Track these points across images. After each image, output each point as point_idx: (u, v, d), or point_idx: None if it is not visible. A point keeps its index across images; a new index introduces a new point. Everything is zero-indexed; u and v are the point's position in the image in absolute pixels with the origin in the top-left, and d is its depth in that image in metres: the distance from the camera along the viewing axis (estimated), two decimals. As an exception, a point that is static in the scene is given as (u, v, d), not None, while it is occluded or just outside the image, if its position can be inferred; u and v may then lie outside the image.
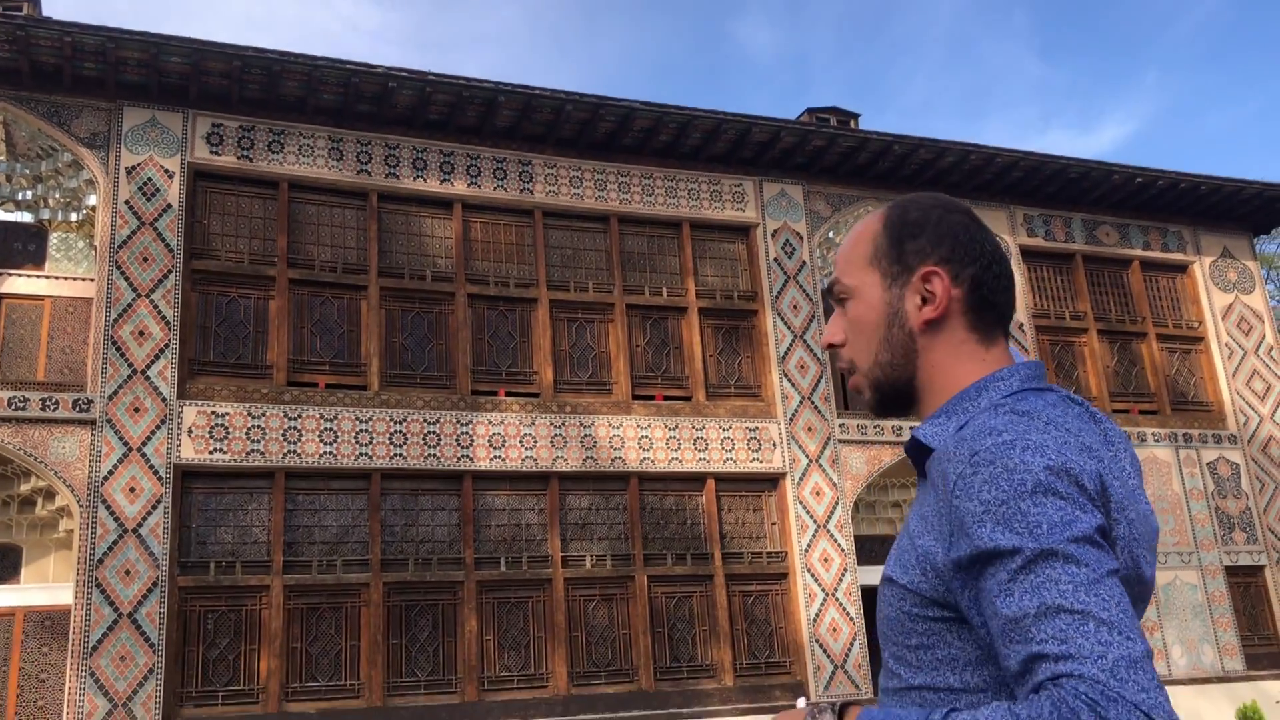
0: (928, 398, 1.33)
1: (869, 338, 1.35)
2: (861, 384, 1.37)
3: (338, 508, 12.80)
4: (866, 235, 1.38)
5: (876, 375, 1.35)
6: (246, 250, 13.35)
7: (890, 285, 1.34)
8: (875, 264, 1.35)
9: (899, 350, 1.33)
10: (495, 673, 12.88)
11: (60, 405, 11.85)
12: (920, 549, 1.20)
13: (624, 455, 14.05)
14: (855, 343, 1.36)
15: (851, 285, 1.37)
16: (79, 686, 11.10)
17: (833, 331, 1.40)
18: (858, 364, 1.37)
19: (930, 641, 1.20)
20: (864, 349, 1.36)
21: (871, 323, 1.35)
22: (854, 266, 1.38)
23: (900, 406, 1.36)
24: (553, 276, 14.68)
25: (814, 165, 16.05)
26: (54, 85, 12.75)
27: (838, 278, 1.39)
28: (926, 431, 1.26)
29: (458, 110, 14.08)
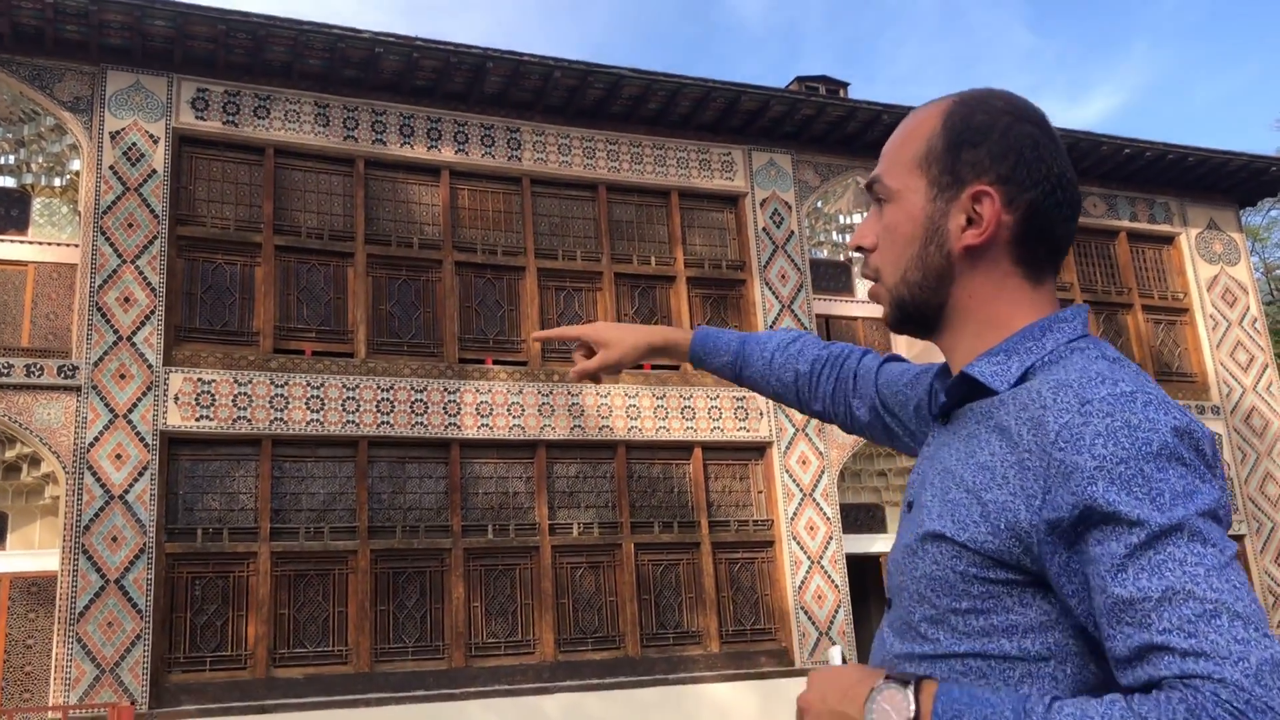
0: (958, 328, 1.20)
1: (901, 250, 1.20)
2: (882, 296, 1.25)
3: (325, 475, 12.80)
4: (921, 133, 1.21)
5: (901, 294, 1.21)
6: (232, 216, 13.27)
7: (936, 196, 1.18)
8: (924, 168, 1.20)
9: (932, 272, 1.19)
10: (482, 639, 12.96)
11: (45, 371, 11.80)
12: (990, 504, 1.06)
13: (611, 424, 14.08)
14: (885, 251, 1.22)
15: (893, 187, 1.22)
16: (66, 653, 11.13)
17: (864, 233, 1.25)
18: (884, 275, 1.23)
19: (987, 606, 1.07)
20: (893, 261, 1.21)
21: (906, 234, 1.20)
22: (899, 167, 1.22)
23: (919, 328, 1.24)
24: (541, 245, 14.64)
25: (803, 134, 16.00)
26: (35, 48, 12.60)
27: (879, 175, 1.24)
28: (985, 371, 1.13)
29: (445, 76, 13.97)
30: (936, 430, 1.24)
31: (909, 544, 1.15)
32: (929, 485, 1.16)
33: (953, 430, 1.18)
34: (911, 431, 1.52)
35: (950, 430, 1.19)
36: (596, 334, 1.86)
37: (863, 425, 1.62)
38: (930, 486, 1.15)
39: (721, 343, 1.78)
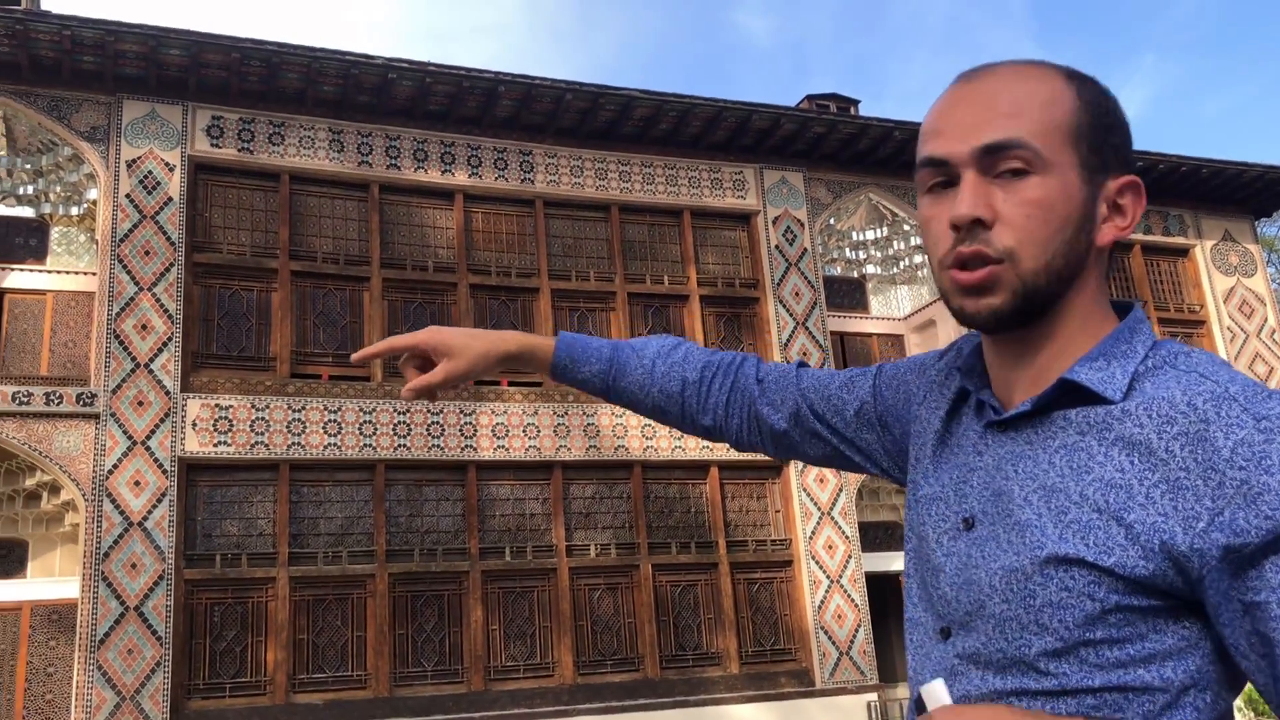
0: (1058, 327, 1.08)
1: (1054, 232, 1.04)
2: (1005, 283, 1.04)
3: (342, 499, 12.82)
4: (1057, 98, 1.06)
5: (1039, 283, 1.04)
6: (248, 243, 13.35)
7: (1088, 179, 1.05)
8: (1074, 142, 1.05)
9: (1074, 263, 1.05)
10: (501, 662, 12.92)
11: (64, 399, 11.86)
12: (1136, 525, 0.96)
13: (627, 444, 14.07)
14: (1031, 230, 1.03)
15: (1048, 157, 1.04)
16: (87, 680, 11.14)
17: (975, 202, 1.04)
18: (1021, 257, 1.03)
19: (1124, 634, 0.98)
20: (1041, 242, 1.03)
21: (1063, 216, 1.04)
22: (1047, 132, 1.04)
23: (1020, 324, 1.08)
24: (554, 266, 14.68)
25: (814, 152, 16.03)
26: (53, 79, 12.73)
27: (1017, 138, 1.03)
28: (1094, 378, 1.04)
29: (458, 101, 14.05)
30: (982, 435, 1.13)
31: (1014, 568, 1.02)
32: (1020, 502, 1.04)
33: (1028, 439, 1.07)
34: (848, 439, 1.38)
35: (1023, 439, 1.07)
36: (435, 341, 1.52)
37: (774, 435, 1.45)
38: (1025, 504, 1.03)
39: (591, 349, 1.55)
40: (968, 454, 1.13)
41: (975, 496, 1.09)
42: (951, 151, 1.06)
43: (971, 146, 1.05)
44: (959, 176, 1.06)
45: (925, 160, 1.09)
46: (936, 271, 1.10)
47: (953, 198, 1.07)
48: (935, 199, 1.09)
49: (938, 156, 1.07)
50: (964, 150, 1.05)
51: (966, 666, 1.06)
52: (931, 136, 1.09)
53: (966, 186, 1.05)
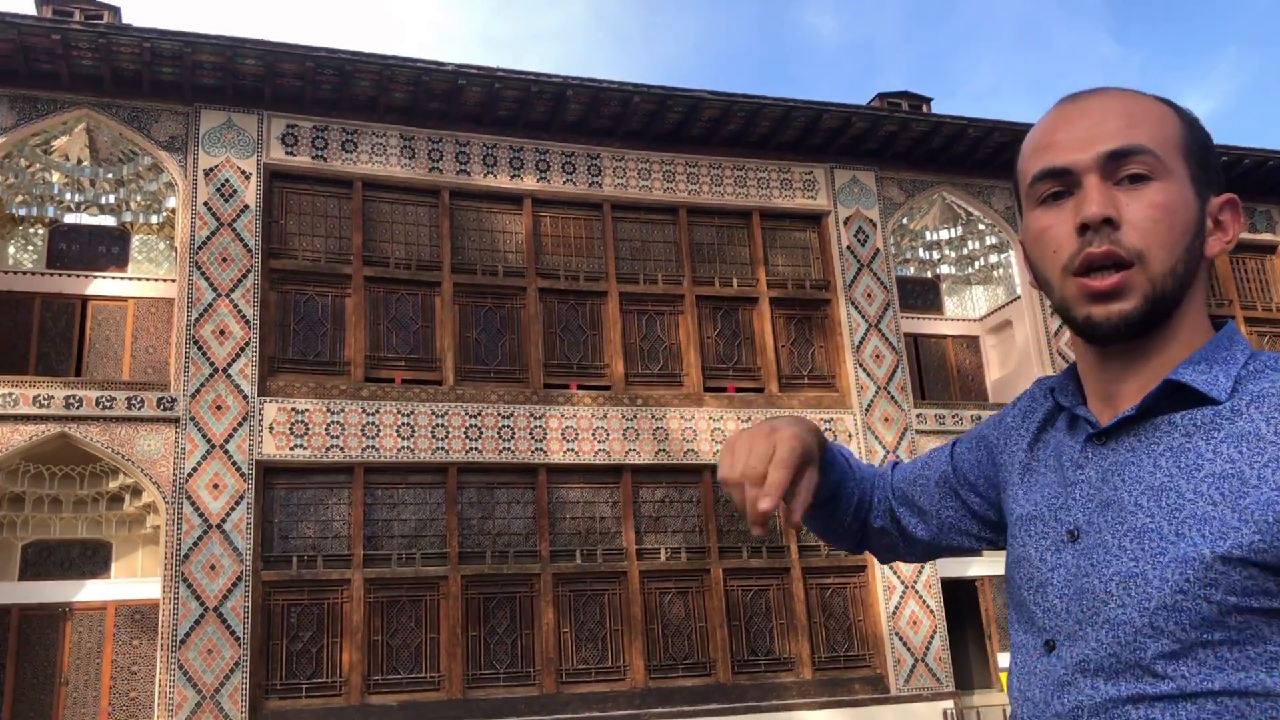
0: (1171, 335, 1.10)
1: (1178, 237, 1.07)
2: (1136, 286, 1.06)
3: (416, 501, 12.92)
4: (1166, 116, 1.11)
5: (1166, 286, 1.06)
6: (323, 249, 13.53)
7: (1197, 191, 1.09)
8: (1185, 156, 1.09)
9: (1191, 269, 1.08)
10: (573, 665, 12.91)
11: (145, 404, 12.11)
12: (1250, 507, 0.98)
13: (696, 447, 13.99)
14: (1158, 233, 1.06)
15: (1169, 165, 1.07)
16: (169, 679, 11.35)
17: (1105, 202, 1.07)
18: (1150, 259, 1.06)
19: (1247, 637, 0.98)
20: (1168, 246, 1.06)
21: (1184, 222, 1.07)
22: (1164, 143, 1.08)
23: (1144, 330, 1.09)
24: (622, 269, 14.66)
25: (886, 151, 15.81)
26: (134, 90, 13.02)
27: (1141, 144, 1.07)
28: (1198, 379, 1.06)
29: (526, 106, 14.11)
30: (1082, 449, 1.13)
31: (1132, 573, 1.02)
32: (1131, 508, 1.05)
33: (1131, 448, 1.08)
34: (935, 516, 1.37)
35: (1125, 448, 1.08)
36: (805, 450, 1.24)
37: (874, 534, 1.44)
38: (1138, 509, 1.04)
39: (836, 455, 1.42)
40: (1065, 470, 1.14)
41: (1079, 509, 1.10)
42: (1073, 160, 1.08)
43: (1095, 153, 1.08)
44: (1078, 184, 1.09)
45: (1043, 172, 1.10)
46: (1057, 281, 1.10)
47: (1070, 207, 1.09)
48: (1049, 209, 1.11)
49: (1058, 166, 1.09)
50: (1086, 157, 1.08)
51: (1075, 677, 1.05)
52: (1045, 150, 1.11)
53: (1092, 189, 1.07)
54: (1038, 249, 1.12)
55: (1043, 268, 1.12)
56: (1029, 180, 1.13)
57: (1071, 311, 1.10)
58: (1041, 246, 1.11)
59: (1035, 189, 1.12)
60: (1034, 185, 1.12)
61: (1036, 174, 1.11)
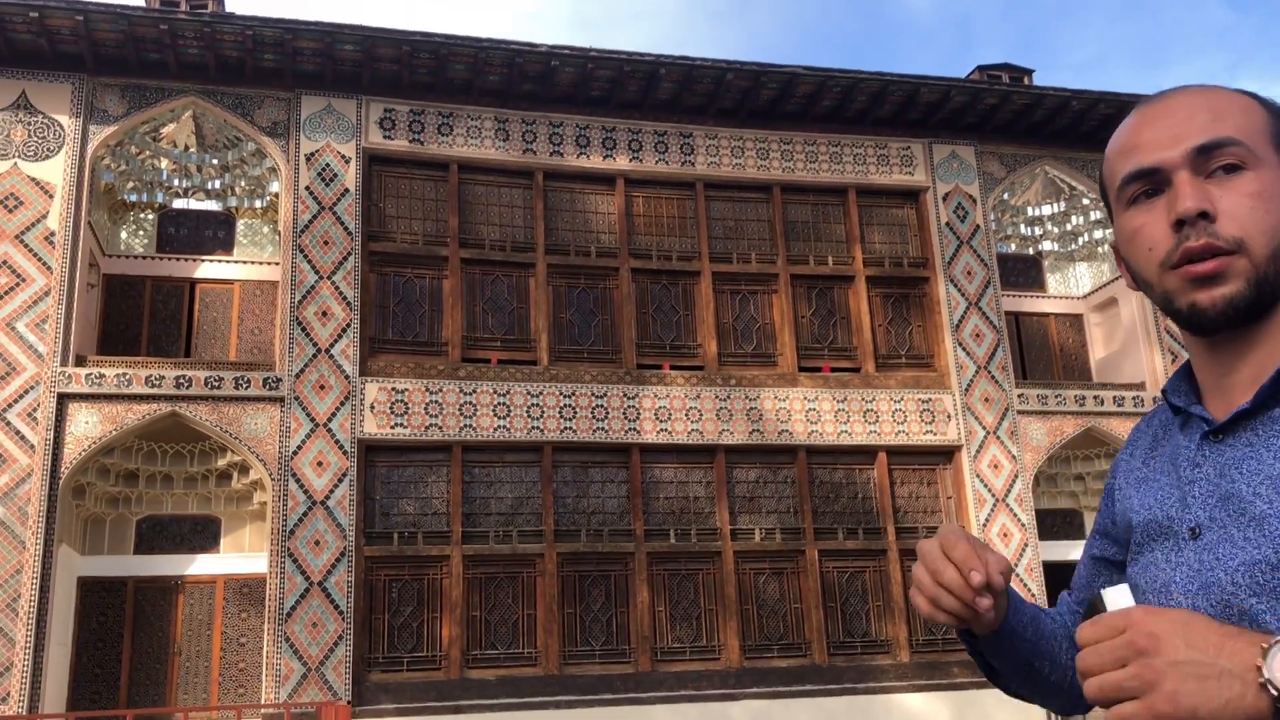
0: (1278, 319, 1.10)
1: (1275, 221, 1.07)
2: (1239, 271, 1.07)
3: (512, 480, 13.07)
4: (1251, 106, 1.13)
5: (1269, 271, 1.07)
6: (420, 231, 13.72)
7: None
8: (1275, 144, 1.11)
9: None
10: (668, 644, 12.95)
11: (252, 384, 12.44)
12: None
13: (791, 428, 13.87)
14: (1256, 220, 1.07)
15: (1260, 155, 1.09)
16: (276, 651, 11.69)
17: (1200, 197, 1.08)
18: (1252, 245, 1.07)
19: None
20: (1268, 230, 1.07)
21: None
22: (1253, 133, 1.10)
23: (1251, 317, 1.09)
24: (715, 248, 14.57)
25: (986, 125, 15.42)
26: (237, 77, 13.34)
27: (1230, 136, 1.09)
28: None
29: (619, 85, 14.09)
30: (1199, 447, 1.13)
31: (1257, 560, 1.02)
32: (1250, 498, 1.04)
33: (1248, 442, 1.07)
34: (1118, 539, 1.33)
35: (1243, 442, 1.08)
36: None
37: None
38: (1257, 498, 1.04)
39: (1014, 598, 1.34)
40: (1182, 469, 1.14)
41: (1199, 506, 1.10)
42: (1161, 158, 1.09)
43: (1184, 149, 1.09)
44: (1168, 182, 1.10)
45: (1133, 173, 1.11)
46: (1156, 277, 1.11)
47: (1162, 205, 1.10)
48: (1141, 208, 1.12)
49: (1146, 165, 1.10)
50: (1175, 154, 1.09)
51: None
52: (1131, 151, 1.13)
53: (1184, 184, 1.08)
54: (1133, 249, 1.13)
55: (1140, 267, 1.13)
56: (1118, 183, 1.14)
57: (1175, 303, 1.10)
58: (1136, 246, 1.12)
59: (1125, 191, 1.13)
60: (1124, 187, 1.13)
61: (1126, 176, 1.12)
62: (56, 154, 12.56)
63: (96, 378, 12.05)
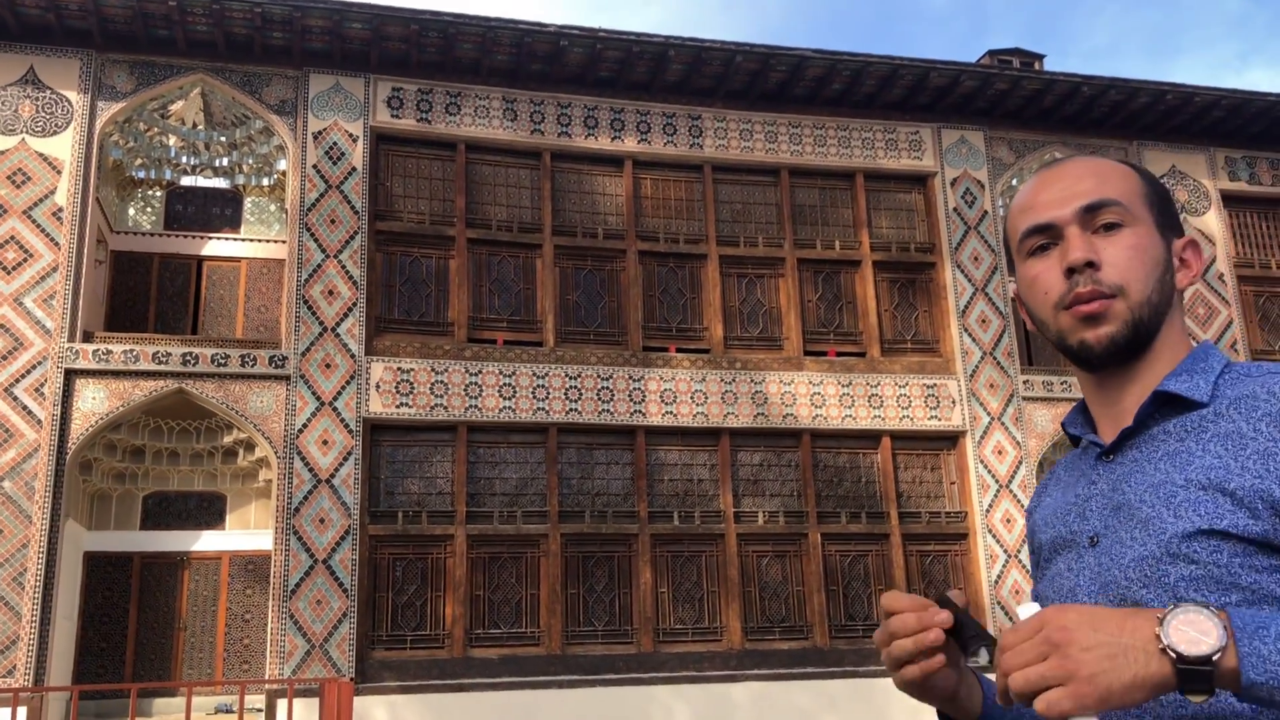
0: (1155, 357, 1.28)
1: (1150, 271, 1.27)
2: (1118, 313, 1.25)
3: (517, 460, 13.10)
4: (1129, 174, 1.32)
5: (1143, 314, 1.26)
6: (427, 211, 13.72)
7: (1161, 234, 1.30)
8: (1149, 206, 1.30)
9: (1164, 298, 1.28)
10: (670, 625, 13.00)
11: (258, 361, 12.48)
12: (1238, 492, 1.13)
13: (795, 412, 13.89)
14: (1134, 270, 1.26)
15: (1135, 213, 1.28)
16: (280, 627, 11.76)
17: (1087, 248, 1.26)
18: (1130, 291, 1.25)
19: (1257, 598, 1.12)
20: (1142, 280, 1.26)
21: (1154, 258, 1.27)
22: (1130, 196, 1.29)
23: (1131, 354, 1.27)
24: (722, 232, 14.56)
25: (996, 110, 15.36)
26: (245, 55, 13.32)
27: (1111, 198, 1.28)
28: (1181, 386, 1.24)
29: (627, 66, 14.05)
30: (1094, 467, 1.30)
31: (1144, 556, 1.17)
32: (1136, 504, 1.20)
33: (1134, 459, 1.24)
34: None
35: (1130, 459, 1.25)
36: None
37: None
38: (1142, 504, 1.19)
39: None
40: (1081, 488, 1.31)
41: (1095, 517, 1.26)
42: (1055, 215, 1.28)
43: (1073, 208, 1.28)
44: (1061, 236, 1.28)
45: (1031, 229, 1.30)
46: (1051, 318, 1.29)
47: (1056, 257, 1.28)
48: (1039, 259, 1.30)
49: (1043, 222, 1.29)
50: (1066, 212, 1.28)
51: None
52: (1029, 210, 1.31)
53: (1074, 239, 1.27)
54: (1031, 294, 1.31)
55: (1037, 309, 1.30)
56: (1019, 237, 1.32)
57: (1067, 341, 1.28)
58: (1034, 291, 1.30)
59: (1025, 244, 1.31)
60: (1023, 241, 1.31)
61: (1025, 231, 1.30)
62: (64, 130, 12.56)
63: (104, 354, 12.09)
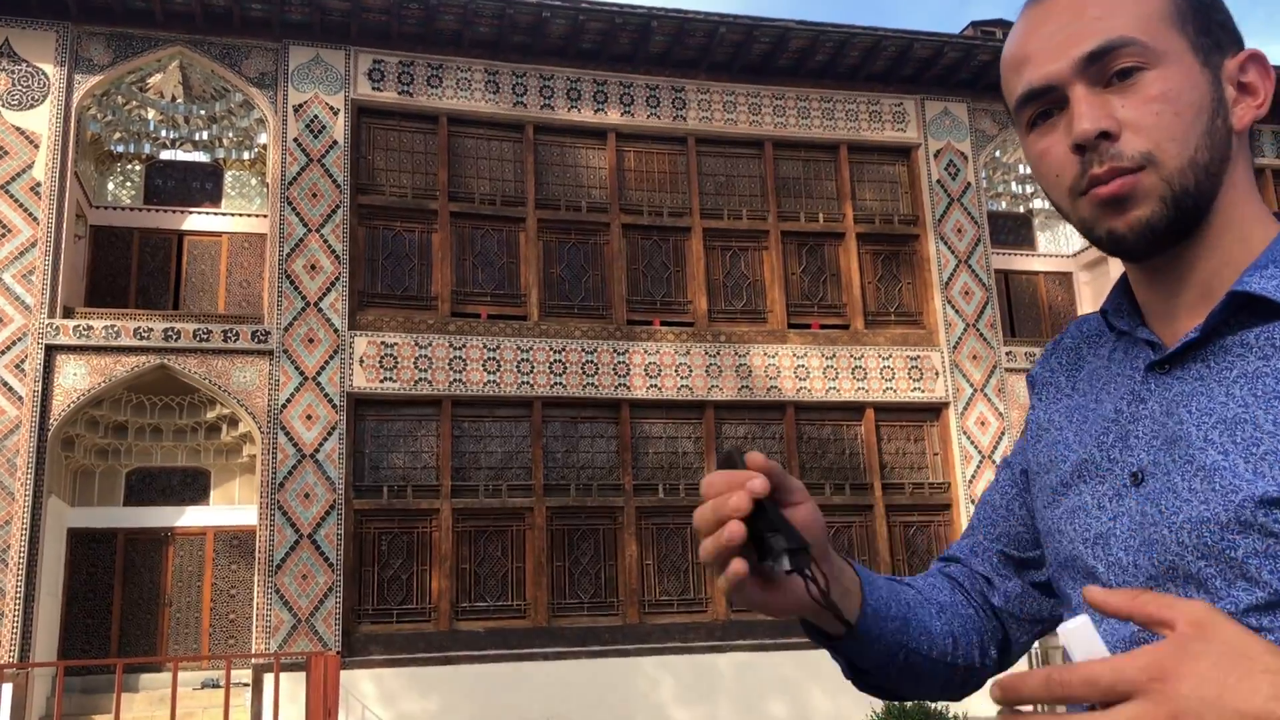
0: (1220, 233, 0.96)
1: (1190, 124, 0.93)
2: (1150, 189, 0.93)
3: (502, 434, 13.11)
4: None
5: (1188, 181, 0.93)
6: (409, 184, 13.64)
7: (1205, 62, 0.96)
8: (1180, 26, 0.96)
9: (1217, 152, 0.94)
10: (655, 596, 13.07)
11: (240, 336, 12.42)
12: None
13: (780, 384, 13.92)
14: (1162, 129, 0.93)
15: (1158, 48, 0.94)
16: (266, 602, 11.77)
17: (1098, 116, 0.93)
18: (1162, 158, 0.92)
19: None
20: (1179, 138, 0.93)
21: (1194, 103, 0.94)
22: (1150, 22, 0.95)
23: (1180, 234, 0.95)
24: (706, 204, 14.53)
25: (979, 81, 15.34)
26: (224, 27, 13.17)
27: (1123, 35, 0.94)
28: (1268, 286, 0.92)
29: (610, 38, 13.96)
30: (1144, 378, 0.99)
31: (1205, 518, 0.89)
32: (1200, 444, 0.91)
33: (1199, 375, 0.94)
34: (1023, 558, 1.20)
35: (1193, 375, 0.94)
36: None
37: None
38: (1208, 445, 0.90)
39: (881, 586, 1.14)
40: (1121, 404, 1.00)
41: (1143, 448, 0.96)
42: (1050, 72, 0.95)
43: (1073, 59, 0.94)
44: (1065, 98, 0.96)
45: (1026, 94, 0.97)
46: (1069, 205, 0.97)
47: (1063, 124, 0.96)
48: (1042, 132, 0.98)
49: (1037, 85, 0.96)
50: (1064, 66, 0.95)
51: (1154, 636, 0.86)
52: (1020, 66, 0.99)
53: (1080, 102, 0.94)
54: (1042, 176, 1.00)
55: (1052, 194, 0.99)
56: (1014, 104, 1.00)
57: (1095, 231, 0.97)
58: (1044, 173, 0.99)
59: (1023, 114, 0.99)
60: (1020, 110, 0.99)
61: (1019, 98, 0.98)
62: (41, 103, 12.42)
63: (84, 329, 12.01)
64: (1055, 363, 1.14)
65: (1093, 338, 1.10)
